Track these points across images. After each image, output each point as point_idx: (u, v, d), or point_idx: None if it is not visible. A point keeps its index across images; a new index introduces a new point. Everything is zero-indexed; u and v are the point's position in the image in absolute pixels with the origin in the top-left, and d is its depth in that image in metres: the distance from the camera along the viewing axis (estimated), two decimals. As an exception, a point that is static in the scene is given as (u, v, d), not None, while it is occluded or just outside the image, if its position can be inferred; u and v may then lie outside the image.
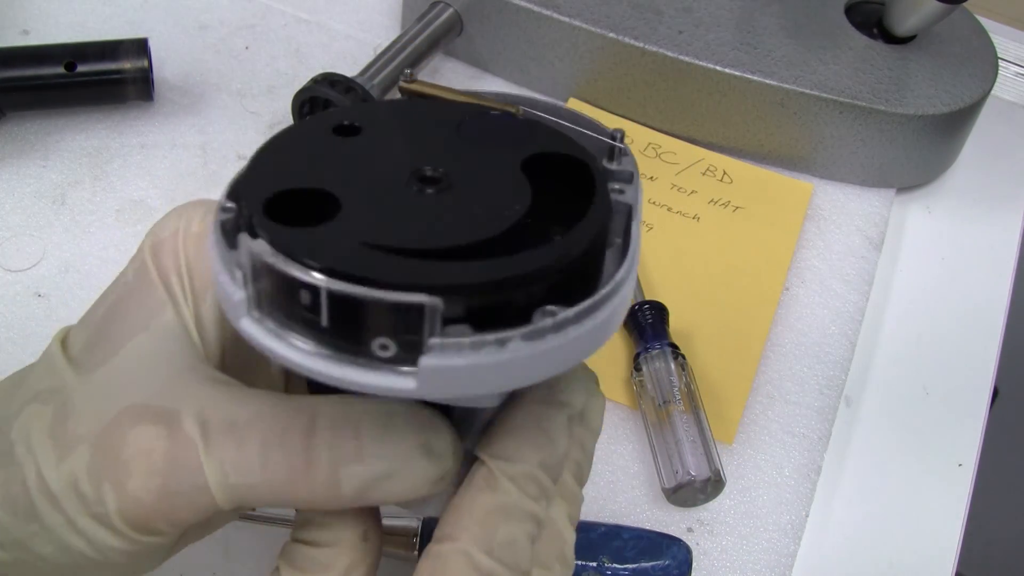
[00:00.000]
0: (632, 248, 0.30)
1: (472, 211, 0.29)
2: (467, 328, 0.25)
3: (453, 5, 0.71)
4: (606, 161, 0.33)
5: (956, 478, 0.58)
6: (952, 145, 0.70)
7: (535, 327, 0.25)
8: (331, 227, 0.27)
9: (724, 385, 0.59)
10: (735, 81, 0.66)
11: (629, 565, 0.50)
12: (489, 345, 0.25)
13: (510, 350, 0.25)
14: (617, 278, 0.28)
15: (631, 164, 0.34)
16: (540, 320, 0.26)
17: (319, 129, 0.32)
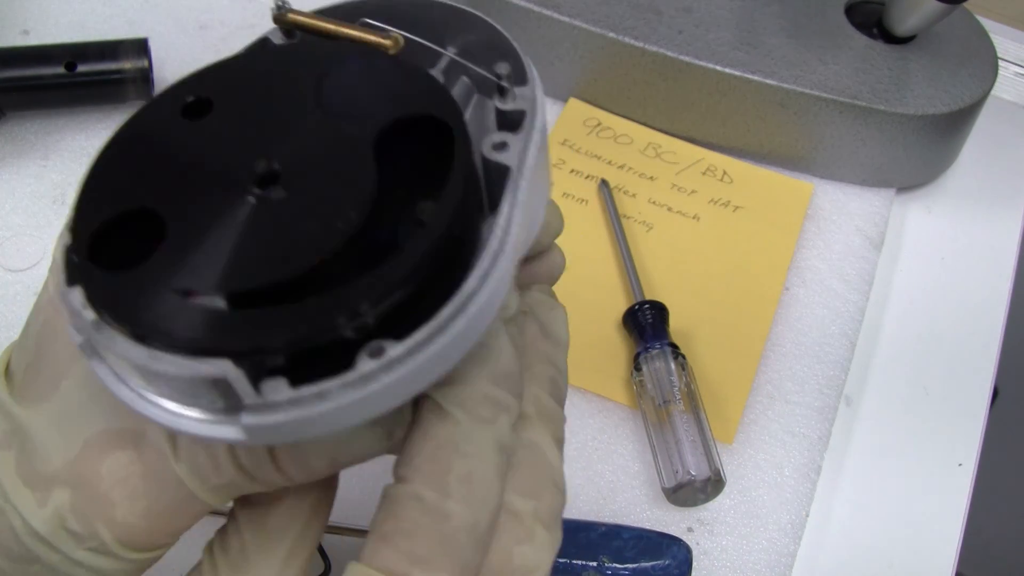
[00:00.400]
0: (504, 226, 0.27)
1: (301, 226, 0.26)
2: (284, 383, 0.24)
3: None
4: (497, 99, 0.30)
5: (956, 478, 0.58)
6: (952, 145, 0.70)
7: (358, 373, 0.24)
8: (146, 269, 0.25)
9: (724, 385, 0.59)
10: (735, 81, 0.66)
11: (629, 565, 0.50)
12: (308, 399, 0.24)
13: (333, 400, 0.24)
14: (465, 290, 0.25)
15: (527, 99, 0.30)
16: (363, 364, 0.24)
17: (169, 110, 0.29)
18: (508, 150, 0.28)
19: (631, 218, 0.66)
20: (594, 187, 0.68)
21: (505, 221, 0.27)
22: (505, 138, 0.29)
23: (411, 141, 0.28)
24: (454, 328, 0.25)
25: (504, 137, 0.29)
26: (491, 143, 0.28)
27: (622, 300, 0.62)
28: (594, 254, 0.64)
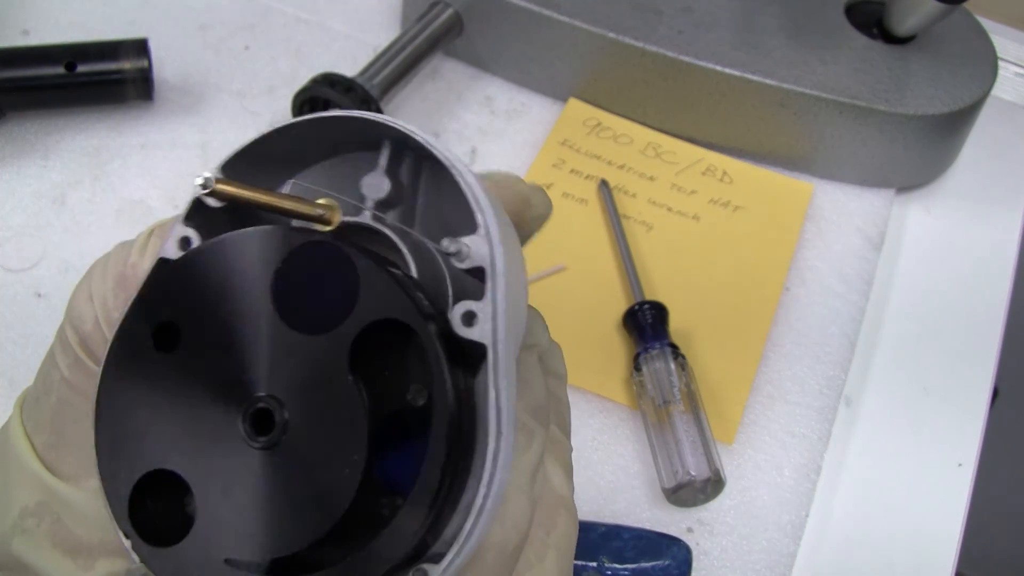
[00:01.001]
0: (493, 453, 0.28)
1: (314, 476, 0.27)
2: None
3: (453, 5, 0.71)
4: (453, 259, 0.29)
5: (956, 478, 0.58)
6: (952, 145, 0.70)
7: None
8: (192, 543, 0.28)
9: (724, 385, 0.59)
10: (735, 81, 0.66)
11: (629, 565, 0.50)
12: None
13: None
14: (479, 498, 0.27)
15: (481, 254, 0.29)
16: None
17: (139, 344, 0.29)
18: (477, 322, 0.28)
19: (631, 218, 0.66)
20: (594, 187, 0.68)
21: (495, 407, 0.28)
22: (470, 307, 0.28)
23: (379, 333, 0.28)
24: (477, 531, 0.27)
25: (469, 307, 0.28)
26: (459, 316, 0.28)
27: (622, 300, 0.62)
28: (594, 254, 0.64)
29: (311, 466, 0.27)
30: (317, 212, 0.30)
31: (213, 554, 0.27)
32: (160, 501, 0.28)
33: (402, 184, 0.32)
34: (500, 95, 0.73)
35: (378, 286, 0.28)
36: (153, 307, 0.29)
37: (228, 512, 0.27)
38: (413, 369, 0.27)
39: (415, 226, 0.32)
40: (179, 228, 0.31)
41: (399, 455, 0.27)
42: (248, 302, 0.28)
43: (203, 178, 0.28)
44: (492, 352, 0.28)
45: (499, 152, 0.70)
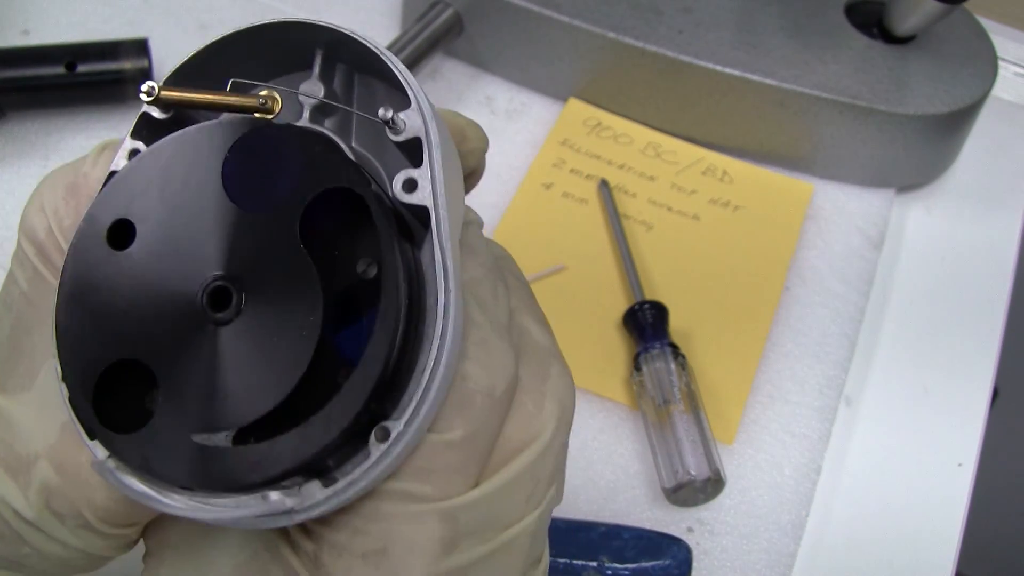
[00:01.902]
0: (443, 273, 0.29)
1: (272, 346, 0.28)
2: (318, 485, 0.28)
3: (453, 5, 0.71)
4: (388, 131, 0.30)
5: (956, 478, 0.58)
6: (952, 145, 0.70)
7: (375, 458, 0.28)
8: (159, 426, 0.28)
9: (724, 385, 0.59)
10: (735, 81, 0.66)
11: (629, 565, 0.50)
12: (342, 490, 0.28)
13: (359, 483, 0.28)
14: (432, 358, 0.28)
15: (415, 125, 0.30)
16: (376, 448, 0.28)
17: (95, 243, 0.30)
18: (417, 188, 0.30)
19: (631, 218, 0.66)
20: (594, 187, 0.68)
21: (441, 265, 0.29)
22: (410, 174, 0.30)
23: (327, 208, 0.29)
24: (434, 386, 0.28)
25: (408, 174, 0.30)
26: (400, 184, 0.30)
27: (622, 300, 0.62)
28: (594, 254, 0.64)
29: (268, 337, 0.28)
30: (258, 102, 0.31)
31: (179, 432, 0.28)
32: (124, 391, 0.29)
33: (336, 92, 0.33)
34: (500, 95, 0.73)
35: (322, 161, 0.29)
36: (106, 208, 0.30)
37: (190, 390, 0.28)
38: (362, 244, 0.29)
39: (351, 135, 0.33)
40: (128, 142, 0.32)
41: (353, 327, 0.29)
42: (200, 192, 0.29)
43: (147, 86, 0.29)
44: (434, 213, 0.29)
45: (499, 152, 0.70)
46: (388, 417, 0.28)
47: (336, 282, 0.28)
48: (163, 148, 0.30)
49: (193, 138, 0.30)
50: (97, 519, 0.31)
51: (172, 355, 0.28)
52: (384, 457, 0.28)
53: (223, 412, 0.28)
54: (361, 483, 0.28)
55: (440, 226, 0.29)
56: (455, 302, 0.29)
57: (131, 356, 0.29)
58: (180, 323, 0.28)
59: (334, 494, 0.28)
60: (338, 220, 0.29)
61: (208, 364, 0.28)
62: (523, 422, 0.31)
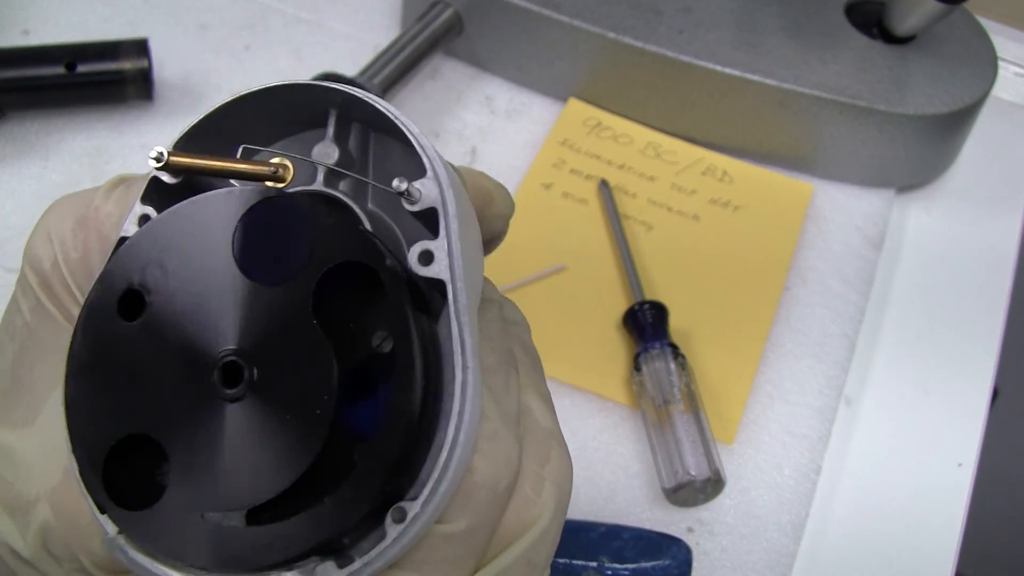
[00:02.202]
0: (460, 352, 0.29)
1: (285, 423, 0.28)
2: (332, 566, 0.28)
3: (453, 5, 0.71)
4: (404, 201, 0.29)
5: (956, 478, 0.58)
6: (952, 145, 0.70)
7: (391, 539, 0.27)
8: (169, 504, 0.28)
9: (724, 385, 0.59)
10: (735, 81, 0.66)
11: (629, 565, 0.50)
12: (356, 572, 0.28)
13: (373, 565, 0.28)
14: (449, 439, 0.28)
15: (431, 195, 0.29)
16: (392, 529, 0.27)
17: (106, 314, 0.29)
18: (434, 260, 0.29)
19: (631, 218, 0.66)
20: (594, 187, 0.68)
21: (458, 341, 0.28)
22: (426, 246, 0.29)
23: (341, 280, 0.28)
24: (451, 466, 0.28)
25: (424, 246, 0.29)
26: (416, 256, 0.29)
27: (622, 300, 0.62)
28: (594, 254, 0.64)
29: (281, 414, 0.27)
30: (269, 170, 0.30)
31: (189, 511, 0.27)
32: (133, 467, 0.29)
33: (351, 154, 0.32)
34: (500, 95, 0.73)
35: (335, 232, 0.28)
36: (116, 277, 0.30)
37: (202, 468, 0.28)
38: (377, 317, 0.28)
39: (367, 197, 0.33)
40: (138, 207, 0.31)
41: (368, 403, 0.28)
42: (210, 263, 0.29)
43: (156, 152, 0.28)
44: (451, 287, 0.29)
45: (499, 152, 0.70)
46: (404, 494, 0.28)
47: (350, 356, 0.28)
48: (173, 216, 0.30)
49: (203, 207, 0.30)
50: (93, 565, 0.31)
51: (183, 431, 0.28)
52: (401, 538, 0.27)
53: (236, 490, 0.27)
54: (377, 563, 0.28)
55: (457, 300, 0.29)
56: (473, 379, 0.28)
57: (141, 431, 0.28)
58: (191, 398, 0.28)
59: (349, 575, 0.28)
60: (352, 293, 0.28)
61: (219, 441, 0.28)
62: (521, 508, 0.30)
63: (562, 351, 0.60)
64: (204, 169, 0.30)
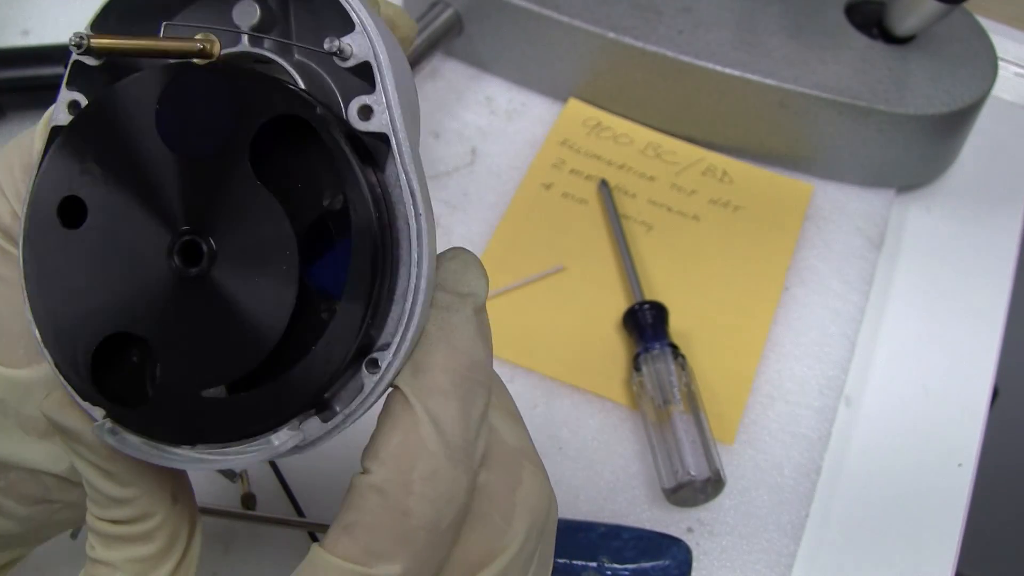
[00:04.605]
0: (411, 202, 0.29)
1: (254, 291, 0.28)
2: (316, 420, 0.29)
3: (453, 5, 0.71)
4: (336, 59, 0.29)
5: (956, 478, 0.58)
6: (952, 145, 0.70)
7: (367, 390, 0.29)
8: (164, 390, 0.28)
9: (724, 385, 0.59)
10: (735, 81, 0.66)
11: (629, 565, 0.50)
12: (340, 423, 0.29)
13: (355, 415, 0.29)
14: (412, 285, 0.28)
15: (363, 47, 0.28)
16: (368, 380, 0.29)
17: (52, 227, 0.29)
18: (373, 114, 0.29)
19: (631, 218, 0.66)
20: (594, 187, 0.68)
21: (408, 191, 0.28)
22: (363, 101, 0.29)
23: (278, 140, 0.28)
24: (416, 312, 0.28)
25: (362, 100, 0.29)
26: (355, 112, 0.29)
27: (622, 300, 0.62)
28: (594, 254, 0.64)
29: (249, 279, 0.28)
30: (196, 47, 0.29)
31: (183, 392, 0.28)
32: (118, 364, 0.29)
33: (272, 9, 0.31)
34: (500, 95, 0.73)
35: (263, 91, 0.28)
36: (49, 189, 0.29)
37: (187, 349, 0.28)
38: (323, 176, 0.28)
39: (292, 51, 0.32)
40: (64, 92, 0.31)
41: (326, 261, 0.28)
42: (142, 148, 0.28)
43: (76, 37, 0.28)
44: (394, 139, 0.28)
45: (499, 152, 0.70)
46: (374, 345, 0.29)
47: (303, 216, 0.28)
48: (92, 113, 0.29)
49: (126, 91, 0.29)
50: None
51: (158, 319, 0.28)
52: (377, 387, 0.28)
53: (223, 364, 0.28)
54: (358, 414, 0.29)
55: (402, 151, 0.29)
56: (428, 225, 0.28)
57: (117, 330, 0.28)
58: (157, 286, 0.28)
59: (334, 427, 0.28)
60: (292, 152, 0.28)
61: (196, 320, 0.28)
62: (489, 537, 0.30)
63: (562, 351, 0.60)
64: (126, 50, 0.29)
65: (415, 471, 0.28)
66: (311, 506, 0.52)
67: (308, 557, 0.28)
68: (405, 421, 0.28)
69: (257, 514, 0.51)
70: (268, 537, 0.51)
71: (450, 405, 0.29)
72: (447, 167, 0.68)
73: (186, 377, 0.28)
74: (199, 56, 0.29)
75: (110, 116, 0.29)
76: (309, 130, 0.27)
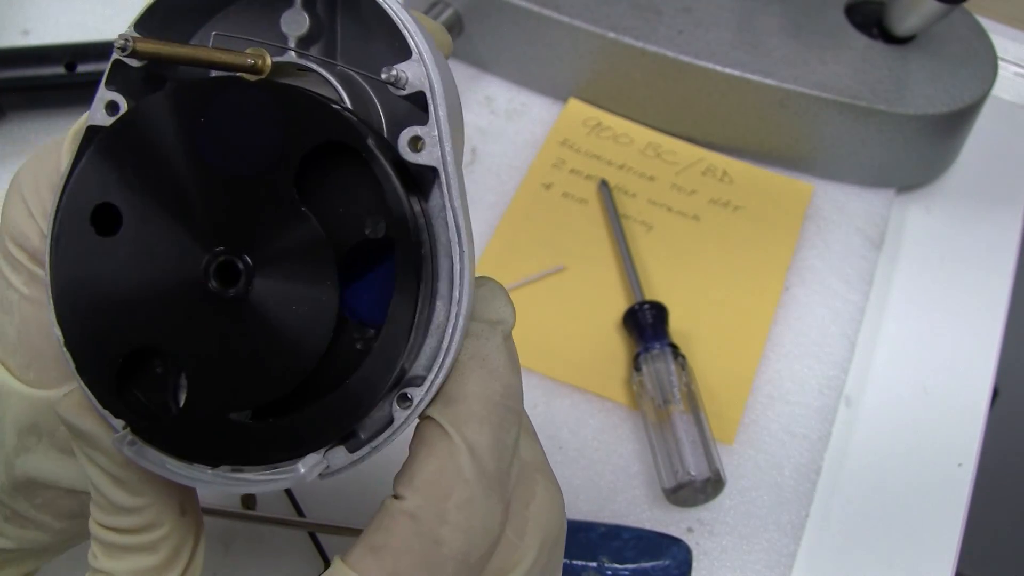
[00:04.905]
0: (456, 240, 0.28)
1: (290, 315, 0.27)
2: (343, 451, 0.28)
3: (453, 5, 0.71)
4: (390, 87, 0.28)
5: (956, 478, 0.58)
6: (952, 145, 0.70)
7: (397, 424, 0.28)
8: (190, 408, 0.28)
9: (724, 385, 0.59)
10: (735, 81, 0.66)
11: (629, 565, 0.50)
12: (366, 455, 0.28)
13: (381, 447, 0.28)
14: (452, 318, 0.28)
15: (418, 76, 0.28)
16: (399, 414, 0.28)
17: (80, 231, 0.28)
18: (424, 146, 0.28)
19: (631, 218, 0.66)
20: (594, 187, 0.68)
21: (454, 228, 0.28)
22: (416, 132, 0.28)
23: (323, 163, 0.27)
24: (453, 349, 0.28)
25: (415, 131, 0.28)
26: (406, 142, 0.28)
27: (622, 300, 0.62)
28: (594, 254, 0.64)
29: (286, 307, 0.27)
30: (247, 61, 0.28)
31: (211, 412, 0.27)
32: (143, 377, 0.29)
33: (320, 18, 0.31)
34: (500, 95, 0.73)
35: (313, 113, 0.27)
36: (84, 192, 0.28)
37: (216, 369, 0.27)
38: (367, 202, 0.27)
39: (336, 53, 0.31)
40: (103, 92, 0.30)
41: (362, 288, 0.28)
42: (183, 161, 0.28)
43: (122, 39, 0.27)
44: (443, 172, 0.28)
45: (499, 152, 0.70)
46: (406, 375, 0.28)
47: (343, 241, 0.27)
48: (135, 119, 0.28)
49: (166, 104, 0.28)
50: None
51: (189, 336, 0.27)
52: (407, 423, 0.28)
53: (254, 387, 0.27)
54: (384, 447, 0.28)
55: (451, 185, 0.28)
56: (469, 263, 0.28)
57: (146, 344, 0.28)
58: (190, 304, 0.27)
59: (359, 458, 0.28)
60: (338, 176, 0.27)
61: (228, 341, 0.27)
62: (502, 552, 0.29)
63: (562, 351, 0.60)
64: (173, 57, 0.28)
65: (450, 500, 0.28)
66: (311, 506, 0.52)
67: (330, 570, 0.28)
68: (441, 449, 0.28)
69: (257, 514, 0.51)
70: (268, 537, 0.51)
71: (485, 433, 0.29)
72: (447, 167, 0.68)
73: (215, 397, 0.27)
74: (249, 71, 0.28)
75: (152, 125, 0.28)
76: (356, 155, 0.27)
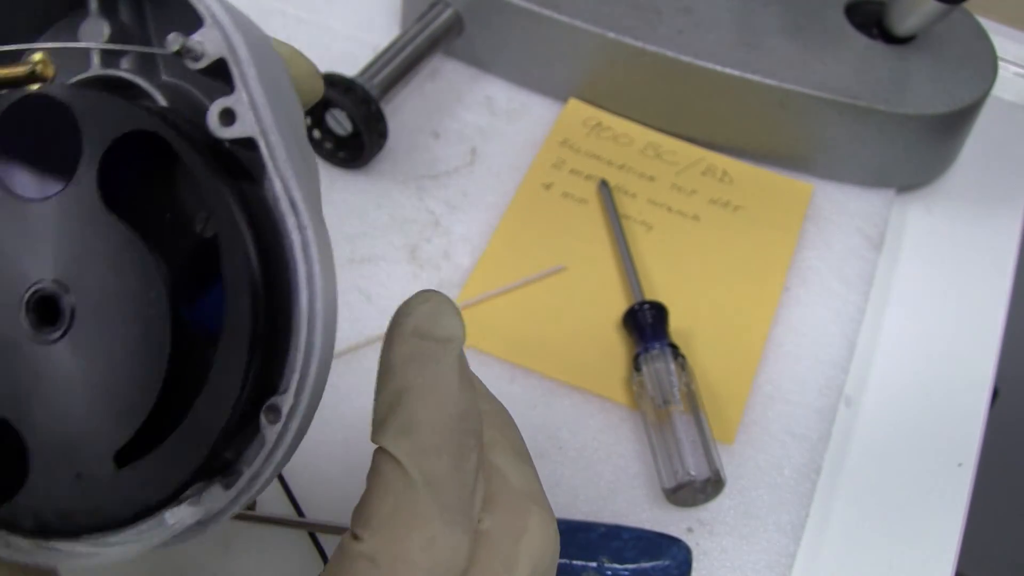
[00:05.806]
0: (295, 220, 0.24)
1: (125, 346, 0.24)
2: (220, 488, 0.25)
3: (453, 5, 0.71)
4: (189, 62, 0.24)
5: (956, 478, 0.58)
6: (952, 145, 0.70)
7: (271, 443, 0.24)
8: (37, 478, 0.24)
9: (724, 385, 0.59)
10: (735, 81, 0.66)
11: (629, 565, 0.50)
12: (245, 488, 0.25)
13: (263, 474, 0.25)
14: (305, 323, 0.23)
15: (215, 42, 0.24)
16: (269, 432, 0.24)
17: None
18: (236, 117, 0.24)
19: (631, 218, 0.66)
20: (594, 187, 0.68)
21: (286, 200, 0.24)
22: (222, 104, 0.24)
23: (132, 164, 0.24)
24: (316, 342, 0.24)
25: (221, 104, 0.24)
26: (215, 118, 0.24)
27: (622, 300, 0.62)
28: (594, 254, 0.64)
29: (117, 330, 0.24)
30: (26, 69, 0.25)
31: (60, 477, 0.24)
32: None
33: (124, 25, 0.28)
34: (500, 95, 0.73)
35: (106, 110, 0.23)
36: None
37: (53, 427, 0.24)
38: (192, 198, 0.24)
39: (159, 71, 0.28)
40: None
41: (212, 298, 0.24)
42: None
43: None
44: (263, 140, 0.24)
45: (499, 152, 0.70)
46: (276, 387, 0.24)
47: (178, 249, 0.24)
48: None
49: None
50: None
51: (15, 392, 0.24)
52: (282, 439, 0.24)
53: (96, 436, 0.24)
54: (265, 473, 0.24)
55: (274, 153, 0.24)
56: (317, 238, 0.24)
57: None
58: (10, 353, 0.24)
59: (239, 493, 0.24)
60: (155, 177, 0.25)
61: (60, 387, 0.24)
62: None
63: (562, 351, 0.60)
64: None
65: (410, 539, 0.26)
66: (311, 506, 0.52)
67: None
68: (396, 485, 0.26)
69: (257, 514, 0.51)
70: (268, 537, 0.51)
71: (444, 463, 0.26)
72: (447, 167, 0.68)
73: (59, 458, 0.24)
74: (33, 80, 0.25)
75: None
76: (168, 149, 0.23)
